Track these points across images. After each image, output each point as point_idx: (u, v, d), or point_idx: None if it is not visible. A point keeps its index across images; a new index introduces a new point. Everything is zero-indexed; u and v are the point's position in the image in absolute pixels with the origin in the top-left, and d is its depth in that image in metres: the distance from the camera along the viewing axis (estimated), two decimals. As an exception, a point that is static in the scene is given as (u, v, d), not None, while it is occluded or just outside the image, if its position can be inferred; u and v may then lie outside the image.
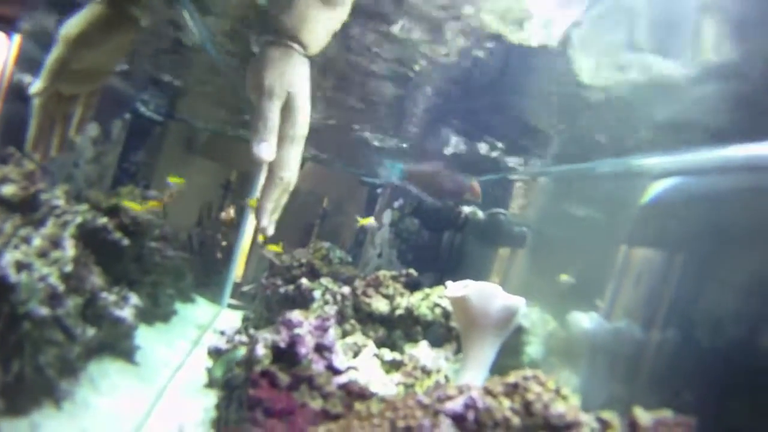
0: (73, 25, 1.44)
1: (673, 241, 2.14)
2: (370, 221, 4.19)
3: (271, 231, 1.28)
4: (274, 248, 3.73)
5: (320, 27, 1.30)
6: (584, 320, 2.46)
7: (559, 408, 1.12)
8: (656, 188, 2.31)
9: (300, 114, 1.24)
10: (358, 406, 1.21)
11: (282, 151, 1.22)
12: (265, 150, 1.19)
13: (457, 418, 1.10)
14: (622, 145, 2.57)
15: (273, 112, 1.20)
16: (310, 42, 1.28)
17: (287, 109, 1.22)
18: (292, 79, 1.23)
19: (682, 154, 2.21)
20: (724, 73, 1.69)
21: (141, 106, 4.68)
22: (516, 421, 1.11)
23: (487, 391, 1.16)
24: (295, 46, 1.26)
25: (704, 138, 2.02)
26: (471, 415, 1.11)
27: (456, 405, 1.11)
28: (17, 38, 2.83)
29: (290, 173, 1.25)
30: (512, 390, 1.16)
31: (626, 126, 2.39)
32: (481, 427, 1.10)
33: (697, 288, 1.91)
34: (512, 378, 1.18)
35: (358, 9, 1.43)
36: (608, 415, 1.16)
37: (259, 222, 1.24)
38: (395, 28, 2.03)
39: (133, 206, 2.95)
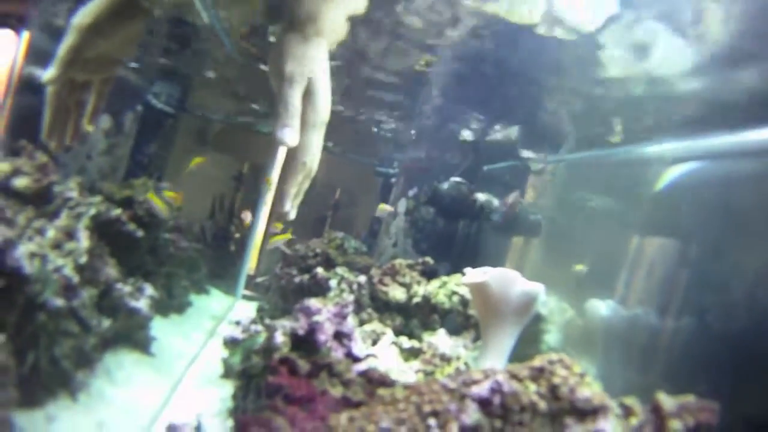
0: (86, 13, 1.45)
1: (688, 226, 2.12)
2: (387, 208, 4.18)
3: (293, 215, 1.28)
4: (282, 237, 3.72)
5: (338, 13, 1.30)
6: (601, 308, 2.44)
7: (585, 392, 1.09)
8: (670, 174, 2.29)
9: (321, 100, 1.24)
10: (382, 391, 1.19)
11: (304, 137, 1.22)
12: (289, 135, 1.19)
13: (483, 402, 1.08)
14: (639, 131, 2.56)
15: (295, 98, 1.20)
16: (328, 28, 1.28)
17: (308, 95, 1.22)
18: (312, 65, 1.23)
19: (695, 139, 2.18)
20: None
21: (153, 98, 4.67)
22: (542, 405, 1.09)
23: (513, 375, 1.14)
24: (313, 32, 1.25)
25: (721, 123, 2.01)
26: (497, 399, 1.08)
27: (482, 389, 1.09)
28: (26, 35, 2.84)
29: (312, 158, 1.25)
30: (538, 374, 1.14)
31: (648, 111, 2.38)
32: (507, 411, 1.08)
33: (713, 273, 1.88)
34: (538, 362, 1.16)
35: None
36: (630, 401, 1.14)
37: (282, 205, 1.25)
38: (410, 12, 2.03)
39: (156, 201, 2.94)
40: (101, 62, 1.55)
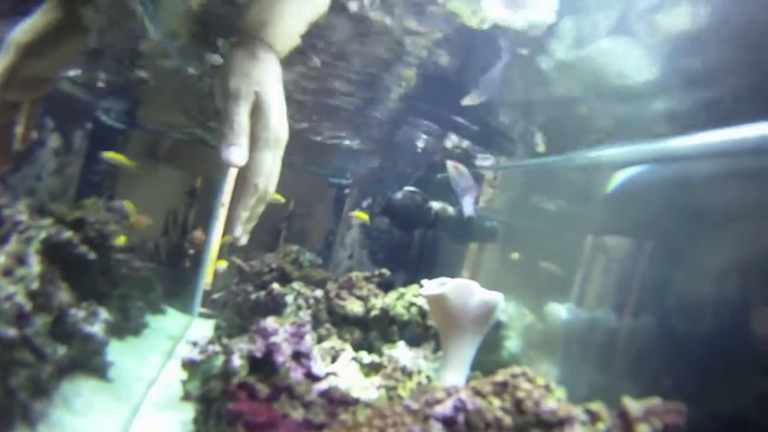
0: (25, 30, 1.36)
1: (639, 227, 2.15)
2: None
3: (244, 240, 1.18)
4: (220, 263, 3.71)
5: (289, 23, 1.24)
6: (561, 311, 2.46)
7: (550, 404, 1.10)
8: (619, 177, 2.33)
9: (272, 116, 1.15)
10: (344, 415, 1.18)
11: (256, 156, 1.13)
12: (235, 154, 1.09)
13: (448, 422, 1.08)
14: (588, 136, 2.60)
15: (240, 115, 1.11)
16: (278, 39, 1.21)
17: (257, 111, 1.13)
18: (260, 78, 1.15)
19: (642, 144, 2.22)
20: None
21: (102, 114, 4.61)
22: (508, 420, 1.10)
23: (476, 392, 1.14)
24: (262, 44, 1.19)
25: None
26: (461, 418, 1.09)
27: (445, 408, 1.09)
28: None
29: (266, 180, 1.15)
30: (501, 389, 1.14)
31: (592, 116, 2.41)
32: (472, 429, 1.08)
33: (667, 273, 1.92)
34: (500, 376, 1.16)
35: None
36: (596, 407, 1.15)
37: (231, 231, 1.15)
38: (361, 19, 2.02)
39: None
40: (35, 82, 1.44)
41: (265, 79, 1.16)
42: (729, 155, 1.76)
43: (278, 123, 1.16)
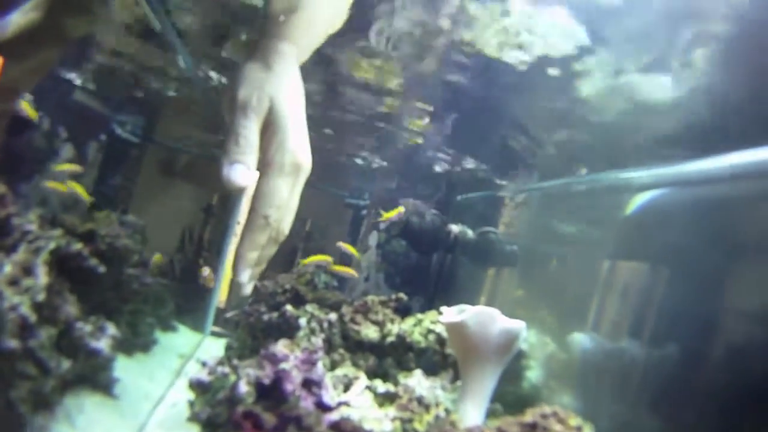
0: (0, 30, 1.26)
1: (663, 252, 2.09)
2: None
3: (249, 290, 1.00)
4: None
5: (317, 24, 1.13)
6: (584, 341, 2.38)
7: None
8: (640, 200, 2.27)
9: (289, 135, 0.96)
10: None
11: (267, 182, 0.94)
12: (238, 172, 0.91)
13: (470, 466, 1.00)
14: (612, 159, 2.54)
15: (247, 129, 0.93)
16: (303, 43, 1.07)
17: (271, 129, 0.96)
18: (277, 89, 0.97)
19: (664, 167, 2.16)
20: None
21: (118, 127, 4.58)
22: (535, 467, 1.01)
23: (501, 432, 1.05)
24: (285, 47, 1.02)
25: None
26: (485, 462, 1.00)
27: (468, 451, 1.00)
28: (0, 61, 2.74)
29: (279, 213, 0.96)
30: (530, 430, 1.05)
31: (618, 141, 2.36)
32: (496, 474, 1.00)
33: (695, 301, 1.84)
34: (529, 416, 1.08)
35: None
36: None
37: (237, 274, 0.96)
38: (376, 42, 1.98)
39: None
40: (2, 90, 1.32)
41: (282, 93, 0.98)
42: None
43: (297, 146, 0.98)
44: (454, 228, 3.63)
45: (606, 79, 1.85)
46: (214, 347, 3.76)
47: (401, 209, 3.98)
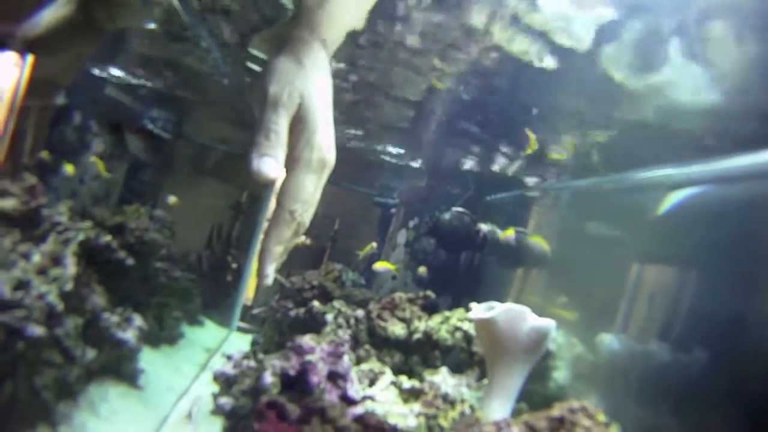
0: (34, 26, 1.25)
1: (694, 252, 2.05)
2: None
3: (270, 281, 0.98)
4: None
5: (343, 20, 1.11)
6: (613, 343, 2.34)
7: (610, 445, 0.99)
8: (672, 199, 2.22)
9: (318, 132, 0.97)
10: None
11: (294, 178, 0.95)
12: (268, 166, 0.91)
13: (497, 458, 0.97)
14: (641, 157, 2.51)
15: (278, 124, 0.93)
16: (331, 38, 1.05)
17: (300, 126, 0.96)
18: (308, 85, 0.97)
19: (696, 164, 2.12)
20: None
21: (149, 123, 4.60)
22: (563, 460, 0.98)
23: (530, 427, 1.03)
24: (315, 42, 1.02)
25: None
26: (512, 454, 0.98)
27: (495, 443, 0.98)
28: (31, 58, 2.75)
29: (303, 207, 0.96)
30: (558, 425, 1.02)
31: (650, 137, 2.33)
32: (524, 467, 0.97)
33: (727, 302, 1.79)
34: (557, 411, 1.05)
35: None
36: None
37: (264, 268, 0.96)
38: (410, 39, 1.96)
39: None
40: (41, 86, 1.29)
41: (312, 88, 0.99)
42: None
43: (324, 142, 0.98)
44: (484, 227, 3.60)
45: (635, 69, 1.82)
46: (240, 342, 3.75)
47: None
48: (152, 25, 2.26)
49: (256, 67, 2.72)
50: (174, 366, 2.97)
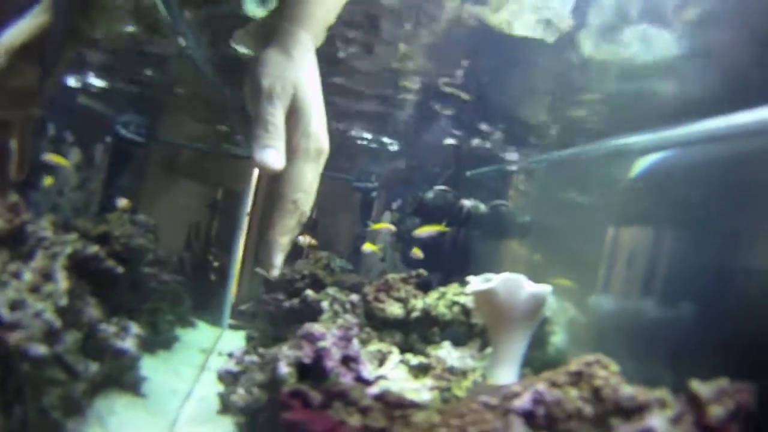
0: (15, 34, 1.24)
1: (665, 211, 2.09)
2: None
3: (277, 272, 0.99)
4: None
5: (327, 11, 1.12)
6: (604, 303, 2.39)
7: (628, 390, 1.03)
8: (642, 164, 2.27)
9: (313, 121, 0.99)
10: (416, 416, 1.09)
11: (294, 167, 0.97)
12: (272, 156, 0.93)
13: (527, 415, 1.00)
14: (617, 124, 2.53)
15: (275, 116, 0.95)
16: (316, 29, 1.05)
17: (295, 117, 0.98)
18: (299, 76, 1.00)
19: (664, 130, 2.16)
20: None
21: (122, 128, 4.56)
22: (588, 410, 1.01)
23: (552, 383, 1.06)
24: (302, 33, 1.03)
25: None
26: (541, 410, 1.01)
27: (524, 402, 1.00)
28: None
29: (304, 196, 0.98)
30: (577, 378, 1.06)
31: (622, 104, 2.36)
32: (553, 421, 1.00)
33: (702, 257, 1.84)
34: (574, 366, 1.08)
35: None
36: (661, 393, 1.07)
37: (272, 259, 0.97)
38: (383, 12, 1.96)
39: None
40: (22, 95, 1.32)
41: (304, 79, 1.01)
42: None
43: (320, 131, 1.00)
44: (467, 203, 3.62)
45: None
46: (234, 339, 3.76)
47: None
48: (131, 28, 2.23)
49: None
50: (173, 370, 2.98)
